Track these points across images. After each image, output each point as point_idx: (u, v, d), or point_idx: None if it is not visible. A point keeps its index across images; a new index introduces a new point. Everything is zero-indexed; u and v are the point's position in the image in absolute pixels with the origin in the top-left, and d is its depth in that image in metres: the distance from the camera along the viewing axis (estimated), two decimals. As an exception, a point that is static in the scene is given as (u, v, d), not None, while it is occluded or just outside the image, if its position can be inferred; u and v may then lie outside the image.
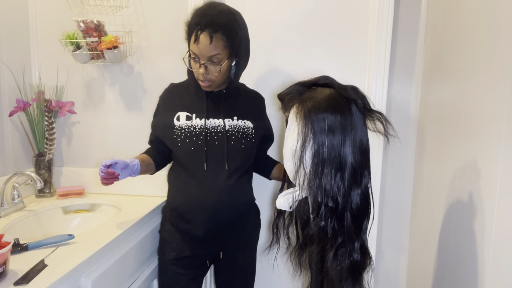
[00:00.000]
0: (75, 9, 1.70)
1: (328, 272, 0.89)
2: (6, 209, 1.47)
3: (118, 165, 1.27)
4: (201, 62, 1.28)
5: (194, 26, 1.26)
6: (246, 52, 1.38)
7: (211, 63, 1.28)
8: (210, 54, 1.25)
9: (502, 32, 0.91)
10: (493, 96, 0.93)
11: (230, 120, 1.40)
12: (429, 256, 1.41)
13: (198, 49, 1.26)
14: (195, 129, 1.37)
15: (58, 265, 1.06)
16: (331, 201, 0.87)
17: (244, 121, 1.42)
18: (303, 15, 1.69)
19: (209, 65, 1.28)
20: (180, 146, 1.37)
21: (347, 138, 0.85)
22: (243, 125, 1.42)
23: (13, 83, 1.67)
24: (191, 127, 1.38)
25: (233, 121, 1.41)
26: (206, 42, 1.24)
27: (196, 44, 1.25)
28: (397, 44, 1.67)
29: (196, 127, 1.37)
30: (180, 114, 1.40)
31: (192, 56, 1.30)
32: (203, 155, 1.35)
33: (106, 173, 1.24)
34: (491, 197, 0.92)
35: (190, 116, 1.39)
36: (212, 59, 1.27)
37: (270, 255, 1.64)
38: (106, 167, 1.24)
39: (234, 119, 1.41)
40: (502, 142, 0.87)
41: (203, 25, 1.23)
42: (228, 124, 1.39)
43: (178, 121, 1.39)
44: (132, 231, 1.42)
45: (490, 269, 0.91)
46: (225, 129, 1.38)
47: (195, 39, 1.25)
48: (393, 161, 1.73)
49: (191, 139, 1.37)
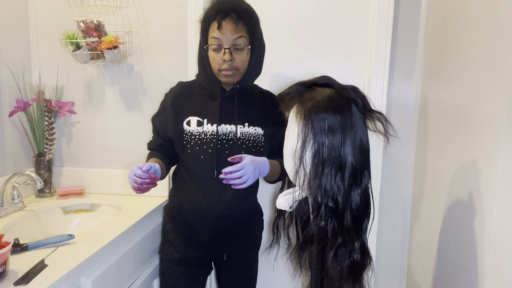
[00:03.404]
0: (75, 9, 1.70)
1: (328, 272, 0.89)
2: (6, 209, 1.47)
3: (153, 169, 1.18)
4: (225, 47, 1.25)
5: (214, 16, 1.25)
6: (263, 45, 1.36)
7: (235, 49, 1.26)
8: (235, 36, 1.24)
9: (502, 32, 0.91)
10: (493, 96, 0.93)
11: (242, 127, 1.35)
12: (429, 256, 1.41)
13: (222, 34, 1.24)
14: (206, 136, 1.32)
15: (58, 265, 1.06)
16: (331, 201, 0.87)
17: (255, 128, 1.36)
18: (303, 15, 1.69)
19: (233, 51, 1.26)
20: (189, 153, 1.33)
21: (347, 138, 0.85)
22: (254, 133, 1.36)
23: (13, 83, 1.67)
24: (202, 133, 1.32)
25: (244, 128, 1.35)
26: (231, 26, 1.23)
27: (220, 30, 1.23)
28: (397, 44, 1.67)
29: (207, 134, 1.32)
30: (191, 119, 1.34)
31: (214, 45, 1.26)
32: (213, 164, 1.30)
33: (147, 178, 1.15)
34: (491, 197, 0.92)
35: (202, 121, 1.33)
36: (236, 42, 1.25)
37: (270, 255, 1.64)
38: (146, 172, 1.15)
39: (245, 126, 1.35)
40: (502, 142, 0.87)
41: (225, 12, 1.23)
42: (240, 131, 1.34)
43: (189, 126, 1.34)
44: (132, 231, 1.42)
45: (490, 269, 0.91)
46: (236, 136, 1.33)
47: (218, 26, 1.24)
48: (393, 161, 1.73)
49: (201, 147, 1.32)
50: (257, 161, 1.22)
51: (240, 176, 1.16)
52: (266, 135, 1.38)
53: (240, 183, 1.17)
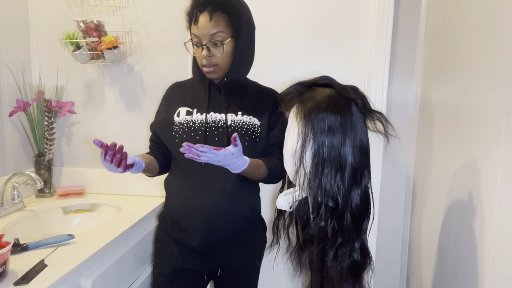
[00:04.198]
0: (75, 9, 1.70)
1: (328, 272, 0.89)
2: (6, 209, 1.47)
3: None
4: (203, 43, 1.20)
5: (192, 10, 1.21)
6: (249, 35, 1.29)
7: (213, 44, 1.21)
8: (211, 32, 1.18)
9: (502, 32, 0.91)
10: (493, 96, 0.93)
11: (234, 115, 1.29)
12: (429, 256, 1.41)
13: (198, 30, 1.19)
14: (194, 124, 1.28)
15: (58, 265, 1.06)
16: (331, 201, 0.87)
17: (250, 117, 1.29)
18: (303, 16, 1.69)
19: (211, 47, 1.21)
20: (177, 142, 1.27)
21: (347, 138, 0.85)
22: (249, 121, 1.29)
23: (13, 83, 1.67)
24: (191, 122, 1.29)
25: (237, 117, 1.29)
26: (206, 21, 1.18)
27: (196, 25, 1.19)
28: (397, 44, 1.67)
29: (196, 122, 1.28)
30: (180, 109, 1.32)
31: (194, 41, 1.23)
32: None
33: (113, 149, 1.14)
34: (491, 197, 0.92)
35: (191, 111, 1.31)
36: (214, 38, 1.19)
37: (270, 255, 1.64)
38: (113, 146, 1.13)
39: (238, 115, 1.29)
40: (502, 142, 0.87)
41: (202, 5, 1.18)
42: (231, 119, 1.28)
43: (178, 117, 1.31)
44: (132, 231, 1.42)
45: (490, 269, 0.91)
46: (227, 124, 1.27)
47: (195, 21, 1.19)
48: (393, 161, 1.73)
49: (189, 135, 1.27)
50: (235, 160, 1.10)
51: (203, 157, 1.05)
52: (263, 126, 1.31)
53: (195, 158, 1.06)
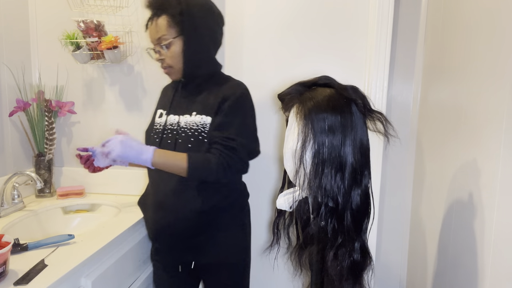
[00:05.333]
0: (75, 9, 1.70)
1: (328, 272, 0.89)
2: (6, 209, 1.47)
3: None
4: (153, 48, 1.30)
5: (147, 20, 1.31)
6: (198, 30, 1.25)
7: (161, 47, 1.27)
8: (155, 36, 1.26)
9: (502, 32, 0.91)
10: (493, 96, 0.93)
11: (188, 116, 1.29)
12: (429, 256, 1.41)
13: (149, 35, 1.29)
14: (160, 126, 1.36)
15: (58, 265, 1.06)
16: (331, 201, 0.87)
17: (202, 116, 1.26)
18: (303, 16, 1.69)
19: (161, 50, 1.28)
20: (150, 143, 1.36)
21: (347, 138, 0.85)
22: (199, 121, 1.26)
23: (13, 83, 1.67)
24: (158, 124, 1.37)
25: (190, 117, 1.28)
26: (151, 27, 1.27)
27: (147, 31, 1.29)
28: (397, 44, 1.67)
29: (161, 125, 1.35)
30: (158, 111, 1.41)
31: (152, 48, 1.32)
32: None
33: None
34: (491, 197, 0.92)
35: (163, 113, 1.38)
36: (160, 42, 1.26)
37: (270, 255, 1.64)
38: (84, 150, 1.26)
39: (192, 115, 1.28)
40: (502, 142, 0.87)
41: (149, 9, 1.27)
42: (184, 120, 1.29)
43: (155, 118, 1.40)
44: (132, 231, 1.42)
45: (490, 269, 0.91)
46: (179, 126, 1.29)
47: (146, 29, 1.30)
48: (393, 161, 1.73)
49: (153, 138, 1.36)
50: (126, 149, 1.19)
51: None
52: (212, 123, 1.26)
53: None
